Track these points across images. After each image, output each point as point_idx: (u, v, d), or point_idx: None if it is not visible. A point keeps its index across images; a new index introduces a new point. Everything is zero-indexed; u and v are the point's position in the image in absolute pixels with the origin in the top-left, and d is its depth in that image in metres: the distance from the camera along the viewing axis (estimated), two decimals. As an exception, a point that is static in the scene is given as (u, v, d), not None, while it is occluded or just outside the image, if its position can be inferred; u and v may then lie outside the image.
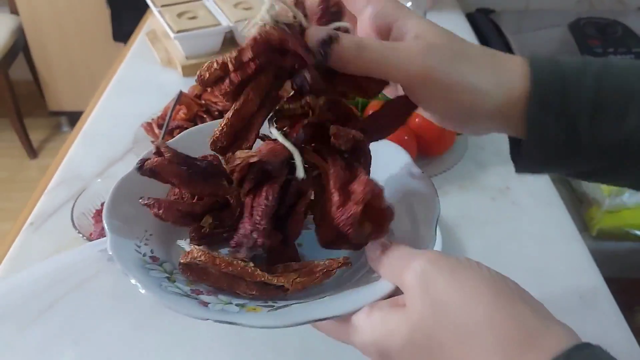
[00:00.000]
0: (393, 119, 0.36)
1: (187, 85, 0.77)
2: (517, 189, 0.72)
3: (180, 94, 0.68)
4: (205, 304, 0.32)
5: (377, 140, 0.36)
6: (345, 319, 0.32)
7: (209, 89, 0.68)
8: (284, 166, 0.33)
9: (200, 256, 0.32)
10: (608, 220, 0.77)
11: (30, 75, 2.35)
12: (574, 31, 1.09)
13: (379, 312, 0.31)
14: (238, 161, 0.33)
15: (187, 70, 0.91)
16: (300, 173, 0.32)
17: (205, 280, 0.33)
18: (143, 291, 0.31)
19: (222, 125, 0.33)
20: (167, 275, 0.34)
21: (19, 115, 2.20)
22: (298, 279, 0.33)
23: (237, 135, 0.33)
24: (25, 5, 2.16)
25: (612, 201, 0.76)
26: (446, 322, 0.29)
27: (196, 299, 0.32)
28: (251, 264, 0.33)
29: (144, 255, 0.35)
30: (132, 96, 0.88)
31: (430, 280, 0.30)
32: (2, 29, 2.15)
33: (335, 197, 0.31)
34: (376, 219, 0.32)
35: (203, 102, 0.71)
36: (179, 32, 0.88)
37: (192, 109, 0.69)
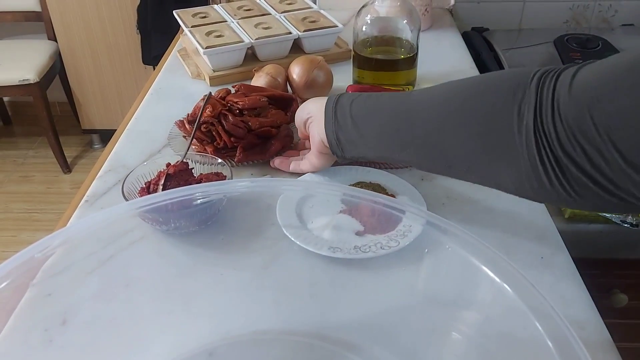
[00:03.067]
0: None
1: (214, 92, 0.91)
2: (495, 175, 0.83)
3: (210, 94, 0.81)
4: None
5: None
6: None
7: (232, 91, 0.84)
8: None
9: None
10: (579, 205, 0.88)
11: (66, 96, 2.53)
12: (558, 46, 1.21)
13: None
14: None
15: (214, 81, 1.05)
16: None
17: None
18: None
19: None
20: None
21: (55, 134, 2.38)
22: None
23: None
24: (63, 32, 2.36)
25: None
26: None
27: None
28: None
29: None
30: (167, 102, 1.02)
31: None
32: (41, 54, 2.34)
33: None
34: None
35: (226, 102, 0.85)
36: (207, 48, 1.03)
37: (217, 108, 0.82)
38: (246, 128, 0.82)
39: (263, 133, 0.83)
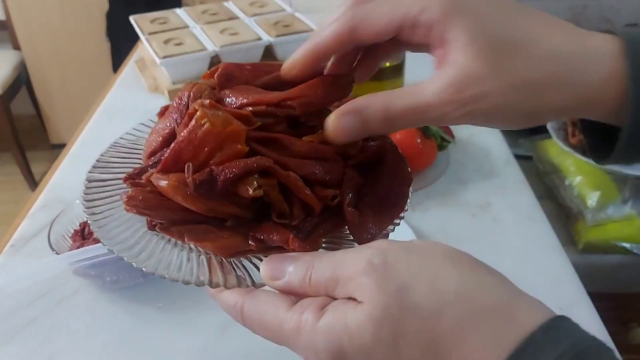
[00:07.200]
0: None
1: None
2: (498, 205, 0.71)
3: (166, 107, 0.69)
4: None
5: None
6: (282, 318, 0.28)
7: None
8: None
9: None
10: (594, 234, 0.76)
11: (33, 109, 2.38)
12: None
13: (332, 312, 0.27)
14: None
15: (173, 95, 0.92)
16: None
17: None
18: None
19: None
20: None
21: (20, 149, 2.23)
22: None
23: None
24: (27, 41, 2.22)
25: (595, 215, 0.76)
26: (415, 309, 0.26)
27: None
28: None
29: None
30: (120, 121, 0.89)
31: (388, 267, 0.27)
32: (4, 65, 2.19)
33: None
34: None
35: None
36: (164, 57, 0.90)
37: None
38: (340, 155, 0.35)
39: (369, 158, 0.37)
